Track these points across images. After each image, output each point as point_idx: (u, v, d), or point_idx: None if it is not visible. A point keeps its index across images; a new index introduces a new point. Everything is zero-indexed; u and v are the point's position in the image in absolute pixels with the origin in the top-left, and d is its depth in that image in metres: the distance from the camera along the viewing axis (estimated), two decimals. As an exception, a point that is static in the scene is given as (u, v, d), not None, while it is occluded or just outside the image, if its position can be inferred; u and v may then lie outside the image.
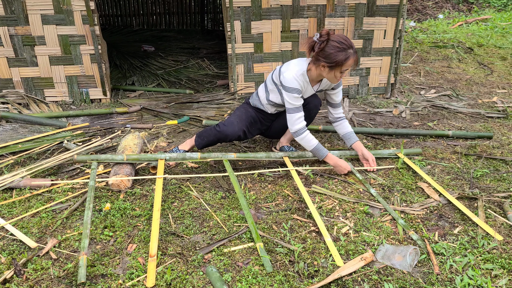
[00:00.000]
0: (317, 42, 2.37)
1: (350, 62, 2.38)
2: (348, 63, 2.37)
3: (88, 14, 3.64)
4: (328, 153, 2.64)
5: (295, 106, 2.55)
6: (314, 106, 2.79)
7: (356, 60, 2.41)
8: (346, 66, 2.39)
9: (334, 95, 2.74)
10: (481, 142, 3.22)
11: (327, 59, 2.36)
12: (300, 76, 2.52)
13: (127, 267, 1.88)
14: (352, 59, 2.37)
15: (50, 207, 2.32)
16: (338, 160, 2.66)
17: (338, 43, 2.34)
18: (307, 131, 2.59)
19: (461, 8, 9.92)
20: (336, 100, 2.76)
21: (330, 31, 2.40)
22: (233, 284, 1.79)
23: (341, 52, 2.34)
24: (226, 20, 3.75)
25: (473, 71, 5.32)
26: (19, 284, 1.78)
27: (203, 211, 2.31)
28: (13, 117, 3.45)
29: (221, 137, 2.71)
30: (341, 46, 2.34)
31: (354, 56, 2.37)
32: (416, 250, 1.95)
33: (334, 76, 2.45)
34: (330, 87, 2.72)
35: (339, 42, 2.34)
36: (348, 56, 2.35)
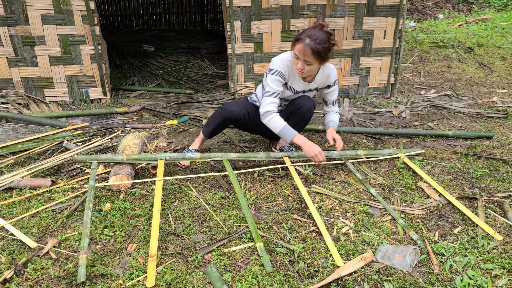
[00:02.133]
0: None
1: (298, 47, 2.35)
2: (296, 47, 2.36)
3: (88, 14, 3.64)
4: (297, 133, 2.52)
5: (273, 90, 2.52)
6: (307, 110, 2.72)
7: (304, 50, 2.33)
8: (295, 50, 2.38)
9: (329, 94, 2.73)
10: (481, 142, 3.22)
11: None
12: (287, 61, 2.52)
13: (127, 267, 1.88)
14: (300, 44, 2.34)
15: (50, 207, 2.32)
16: (308, 141, 2.54)
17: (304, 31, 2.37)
18: (274, 113, 2.52)
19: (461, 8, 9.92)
20: (331, 99, 2.75)
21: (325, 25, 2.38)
22: (233, 284, 1.79)
23: (298, 35, 2.37)
24: (226, 20, 3.75)
25: (473, 71, 5.32)
26: (19, 284, 1.78)
27: (203, 211, 2.32)
28: (13, 117, 3.45)
29: (227, 115, 2.66)
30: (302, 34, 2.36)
31: (303, 44, 2.32)
32: (416, 250, 1.95)
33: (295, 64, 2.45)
34: (325, 85, 2.71)
35: (306, 31, 2.37)
36: (299, 39, 2.35)
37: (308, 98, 2.72)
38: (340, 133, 3.35)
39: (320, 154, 2.53)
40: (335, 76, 2.70)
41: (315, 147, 2.54)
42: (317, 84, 2.68)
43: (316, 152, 2.52)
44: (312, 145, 2.54)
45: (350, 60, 4.05)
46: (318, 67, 2.52)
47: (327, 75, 2.66)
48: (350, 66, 4.08)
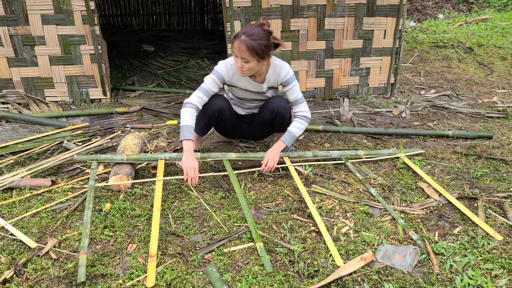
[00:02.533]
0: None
1: (234, 44, 2.36)
2: (233, 44, 2.38)
3: (88, 14, 3.64)
4: (187, 139, 2.41)
5: (206, 87, 2.55)
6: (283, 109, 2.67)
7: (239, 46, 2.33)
8: (233, 47, 2.39)
9: (287, 92, 2.65)
10: (481, 142, 3.22)
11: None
12: (232, 65, 2.54)
13: (127, 267, 1.88)
14: (237, 41, 2.34)
15: (50, 207, 2.32)
16: (189, 153, 2.39)
17: (242, 29, 2.39)
18: (190, 108, 2.49)
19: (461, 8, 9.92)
20: (290, 98, 2.66)
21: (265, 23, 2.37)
22: (233, 284, 1.79)
23: (236, 35, 2.38)
24: (226, 20, 3.75)
25: (473, 71, 5.32)
26: (19, 284, 1.78)
27: (203, 211, 2.31)
28: (13, 117, 3.45)
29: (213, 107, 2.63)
30: (239, 31, 2.36)
31: (238, 41, 2.33)
32: (416, 250, 1.95)
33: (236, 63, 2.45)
34: (278, 83, 2.66)
35: (243, 28, 2.38)
36: (236, 36, 2.36)
37: (278, 99, 2.69)
38: (340, 133, 3.35)
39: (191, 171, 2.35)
40: (287, 73, 2.58)
41: (193, 166, 2.37)
42: (270, 83, 2.65)
43: (190, 173, 2.36)
44: (192, 161, 2.38)
45: (350, 60, 4.05)
46: (258, 65, 2.44)
47: (278, 73, 2.59)
48: (350, 66, 4.08)
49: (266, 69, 2.58)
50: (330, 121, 3.67)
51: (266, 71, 2.59)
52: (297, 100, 2.67)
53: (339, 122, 3.60)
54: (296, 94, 2.66)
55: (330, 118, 3.72)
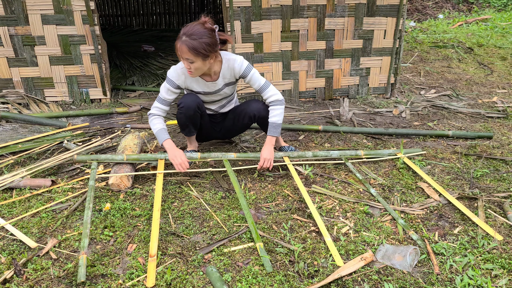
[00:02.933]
0: None
1: (177, 46, 2.33)
2: (176, 46, 2.34)
3: (88, 14, 3.64)
4: (166, 139, 2.54)
5: (162, 97, 2.58)
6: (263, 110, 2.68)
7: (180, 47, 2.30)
8: (176, 50, 2.36)
9: (251, 83, 2.62)
10: (481, 142, 3.22)
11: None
12: (182, 69, 2.52)
13: (127, 267, 1.88)
14: (178, 42, 2.31)
15: (50, 207, 2.32)
16: (174, 148, 2.53)
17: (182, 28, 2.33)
18: (155, 116, 2.59)
19: (461, 8, 9.92)
20: (255, 87, 2.63)
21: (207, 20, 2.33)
22: (233, 284, 1.79)
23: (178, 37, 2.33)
24: (226, 20, 3.75)
25: (473, 71, 5.32)
26: (19, 284, 1.78)
27: (203, 211, 2.31)
28: (13, 117, 3.45)
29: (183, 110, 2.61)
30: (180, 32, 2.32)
31: (179, 42, 2.30)
32: (416, 250, 1.95)
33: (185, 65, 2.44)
34: (235, 77, 2.64)
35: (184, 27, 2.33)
36: (177, 38, 2.32)
37: (256, 103, 2.71)
38: (341, 133, 3.35)
39: (182, 164, 2.49)
40: (241, 65, 2.55)
41: (179, 154, 2.51)
42: (226, 79, 2.61)
43: (178, 161, 2.49)
44: (177, 152, 2.52)
45: (350, 60, 4.05)
46: (205, 63, 2.39)
47: (232, 68, 2.56)
48: (350, 66, 4.08)
49: (219, 66, 2.54)
50: (330, 121, 3.67)
51: (220, 68, 2.55)
52: (262, 87, 2.61)
53: (339, 122, 3.60)
54: (258, 81, 2.61)
55: (330, 118, 3.72)
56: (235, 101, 2.92)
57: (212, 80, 2.59)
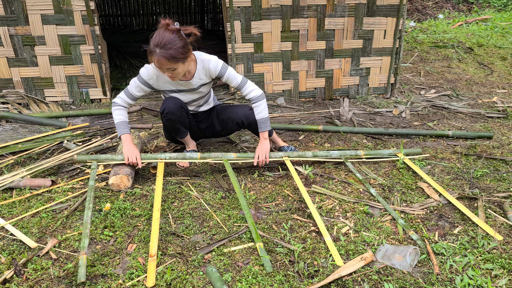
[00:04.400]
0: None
1: (154, 60, 2.28)
2: (153, 61, 2.29)
3: (88, 14, 3.64)
4: (124, 134, 2.53)
5: (129, 90, 2.55)
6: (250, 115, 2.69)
7: (159, 62, 2.25)
8: (154, 64, 2.31)
9: (228, 82, 2.62)
10: (481, 142, 3.22)
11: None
12: (154, 68, 2.47)
13: (127, 267, 1.88)
14: (154, 57, 2.25)
15: (50, 207, 2.32)
16: (129, 142, 2.54)
17: (151, 41, 2.25)
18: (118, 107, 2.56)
19: (461, 8, 9.92)
20: (233, 85, 2.63)
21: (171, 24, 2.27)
22: (233, 284, 1.79)
23: (149, 48, 2.26)
24: (226, 20, 3.75)
25: (473, 71, 5.32)
26: (19, 284, 1.78)
27: (203, 211, 2.31)
28: (13, 117, 3.45)
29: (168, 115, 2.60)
30: (150, 44, 2.25)
31: (158, 56, 2.23)
32: (416, 250, 1.95)
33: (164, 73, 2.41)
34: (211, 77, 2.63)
35: (152, 39, 2.25)
36: (150, 51, 2.26)
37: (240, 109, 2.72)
38: (341, 133, 3.35)
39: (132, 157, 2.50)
40: (217, 65, 2.53)
41: (132, 149, 2.52)
42: (202, 79, 2.60)
43: (129, 154, 2.51)
44: (131, 147, 2.53)
45: (350, 60, 4.05)
46: (185, 65, 2.38)
47: (207, 68, 2.54)
48: (350, 66, 4.08)
49: (194, 65, 2.52)
50: (330, 121, 3.67)
51: (195, 68, 2.53)
52: (240, 84, 2.61)
53: (339, 122, 3.60)
54: (236, 79, 2.60)
55: (330, 118, 3.72)
56: (213, 99, 2.92)
57: (186, 79, 2.56)
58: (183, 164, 2.79)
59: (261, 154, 2.65)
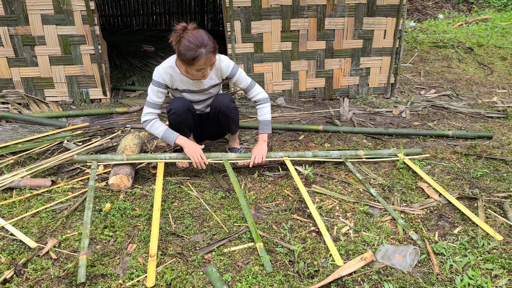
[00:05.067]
0: (174, 37, 2.33)
1: (201, 63, 2.29)
2: (198, 63, 2.30)
3: (88, 14, 3.64)
4: (178, 136, 2.54)
5: (152, 101, 2.53)
6: (226, 107, 2.63)
7: (207, 60, 2.29)
8: (197, 66, 2.32)
9: (237, 83, 2.65)
10: (481, 142, 3.22)
11: (180, 56, 2.33)
12: (167, 68, 2.49)
13: (127, 267, 1.88)
14: (203, 59, 2.27)
15: (50, 207, 2.32)
16: (189, 142, 2.55)
17: (188, 42, 2.26)
18: (153, 121, 2.54)
19: (461, 8, 9.92)
20: (241, 86, 2.66)
21: (189, 26, 2.31)
22: (233, 284, 1.79)
23: (189, 52, 2.27)
24: (226, 20, 3.75)
25: (473, 71, 5.32)
26: (19, 284, 1.78)
27: (203, 211, 2.31)
28: (13, 117, 3.45)
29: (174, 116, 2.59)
30: (190, 46, 2.25)
31: (206, 56, 2.27)
32: (416, 250, 1.95)
33: (192, 74, 2.41)
34: (222, 77, 2.64)
35: (189, 41, 2.26)
36: (197, 56, 2.26)
37: (222, 96, 2.66)
38: (341, 133, 3.35)
39: (197, 156, 2.52)
40: (228, 65, 2.57)
41: (195, 148, 2.54)
42: (212, 80, 2.62)
43: (194, 153, 2.53)
44: (193, 146, 2.55)
45: (350, 60, 4.05)
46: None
47: (219, 68, 2.56)
48: (350, 66, 4.08)
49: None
50: (330, 121, 3.67)
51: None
52: (248, 86, 2.66)
53: (339, 122, 3.60)
54: (245, 81, 2.65)
55: (330, 118, 3.72)
56: None
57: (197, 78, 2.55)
58: (182, 164, 2.79)
59: (258, 156, 2.65)
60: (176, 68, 2.50)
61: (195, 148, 2.55)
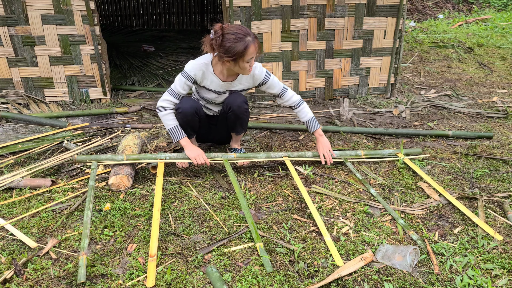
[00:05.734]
0: (214, 39, 2.32)
1: (252, 50, 2.31)
2: (249, 52, 2.31)
3: (88, 14, 3.64)
4: (183, 137, 2.55)
5: (175, 90, 2.51)
6: (237, 107, 2.61)
7: (257, 46, 2.33)
8: (248, 55, 2.32)
9: (269, 89, 2.65)
10: (481, 142, 3.22)
11: (228, 53, 2.31)
12: (202, 64, 2.48)
13: (127, 267, 1.88)
14: (252, 46, 2.30)
15: (50, 207, 2.32)
16: (190, 144, 2.57)
17: (233, 35, 2.27)
18: (168, 111, 2.52)
19: (461, 8, 9.92)
20: (274, 92, 2.66)
21: (224, 24, 2.33)
22: (233, 284, 1.79)
23: (238, 43, 2.28)
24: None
25: (473, 71, 5.32)
26: (19, 284, 1.78)
27: (203, 211, 2.32)
28: (13, 117, 3.45)
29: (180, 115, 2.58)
30: (237, 36, 2.27)
31: (254, 43, 2.30)
32: (416, 250, 1.95)
33: (242, 68, 2.40)
34: (254, 85, 2.64)
35: (234, 33, 2.28)
36: (247, 45, 2.29)
37: (237, 95, 2.63)
38: (341, 133, 3.35)
39: (199, 157, 2.55)
40: (262, 71, 2.57)
41: (195, 150, 2.57)
42: (242, 85, 2.62)
43: (195, 155, 2.55)
44: (194, 148, 2.58)
45: (350, 60, 4.05)
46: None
47: (252, 75, 2.56)
48: (350, 66, 4.08)
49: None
50: (330, 121, 3.67)
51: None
52: (282, 90, 2.66)
53: (339, 122, 3.60)
54: (278, 86, 2.64)
55: (330, 118, 3.72)
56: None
57: (227, 81, 2.57)
58: (182, 164, 2.79)
59: (324, 152, 2.70)
60: (211, 67, 2.50)
61: (196, 151, 2.57)
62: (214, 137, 2.95)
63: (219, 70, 2.51)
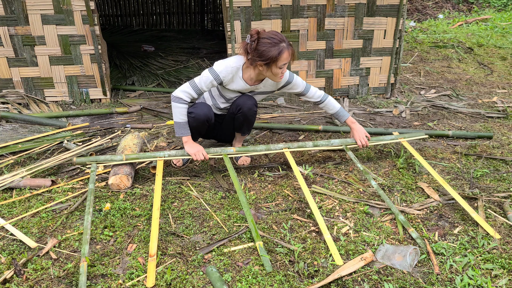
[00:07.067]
0: (249, 43, 2.35)
1: (285, 56, 2.34)
2: (283, 57, 2.33)
3: (88, 14, 3.64)
4: (188, 135, 2.55)
5: (198, 85, 2.47)
6: (248, 109, 2.61)
7: (291, 53, 2.36)
8: (282, 61, 2.34)
9: (292, 89, 2.66)
10: (481, 142, 3.22)
11: (261, 57, 2.33)
12: (234, 68, 2.48)
13: (127, 267, 1.88)
14: (286, 52, 2.33)
15: (50, 207, 2.32)
16: (190, 141, 2.56)
17: (268, 39, 2.32)
18: (182, 105, 2.49)
19: (461, 8, 9.92)
20: (298, 91, 2.67)
21: (260, 29, 2.36)
22: (233, 284, 1.79)
23: (273, 47, 2.31)
24: (226, 20, 3.75)
25: (473, 71, 5.32)
26: (19, 284, 1.78)
27: (203, 211, 2.32)
28: (13, 117, 3.45)
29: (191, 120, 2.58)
30: (272, 41, 2.31)
31: (288, 49, 2.34)
32: (416, 250, 1.95)
33: (274, 74, 2.41)
34: (276, 88, 2.65)
35: (269, 38, 2.32)
36: (281, 50, 2.32)
37: (248, 97, 2.63)
38: (340, 133, 3.35)
39: (198, 153, 2.54)
40: (285, 75, 2.59)
41: (195, 146, 2.57)
42: (265, 87, 2.63)
43: (195, 151, 2.55)
44: (194, 145, 2.57)
45: (350, 60, 4.05)
46: None
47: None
48: (350, 66, 4.08)
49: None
50: (330, 121, 3.67)
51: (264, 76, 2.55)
52: (306, 88, 2.69)
53: (339, 122, 3.60)
54: (301, 85, 2.67)
55: (330, 118, 3.72)
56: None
57: (254, 84, 2.58)
58: (176, 162, 2.78)
59: (361, 137, 2.72)
60: (241, 71, 2.51)
61: (196, 147, 2.57)
62: (217, 135, 2.95)
63: (247, 74, 2.51)
